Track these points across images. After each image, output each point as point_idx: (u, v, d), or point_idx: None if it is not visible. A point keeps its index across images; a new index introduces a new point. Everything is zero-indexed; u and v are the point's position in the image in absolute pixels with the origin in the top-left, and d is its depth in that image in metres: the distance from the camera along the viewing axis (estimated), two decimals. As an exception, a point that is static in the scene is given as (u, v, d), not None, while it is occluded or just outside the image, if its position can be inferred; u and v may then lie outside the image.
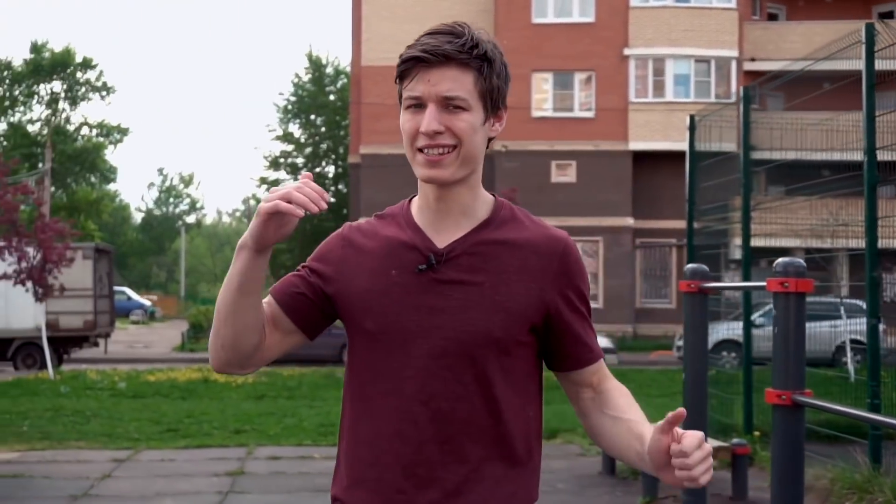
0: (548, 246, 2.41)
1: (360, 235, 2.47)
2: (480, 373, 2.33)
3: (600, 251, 36.52)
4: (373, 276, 2.39)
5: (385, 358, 2.35)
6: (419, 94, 2.31)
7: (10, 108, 65.16)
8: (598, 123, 36.68)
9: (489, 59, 2.35)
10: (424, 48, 2.31)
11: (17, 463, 10.75)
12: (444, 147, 2.31)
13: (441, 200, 2.40)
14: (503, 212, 2.45)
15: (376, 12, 38.37)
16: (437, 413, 2.31)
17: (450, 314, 2.32)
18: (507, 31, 36.78)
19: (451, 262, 2.36)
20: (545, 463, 9.03)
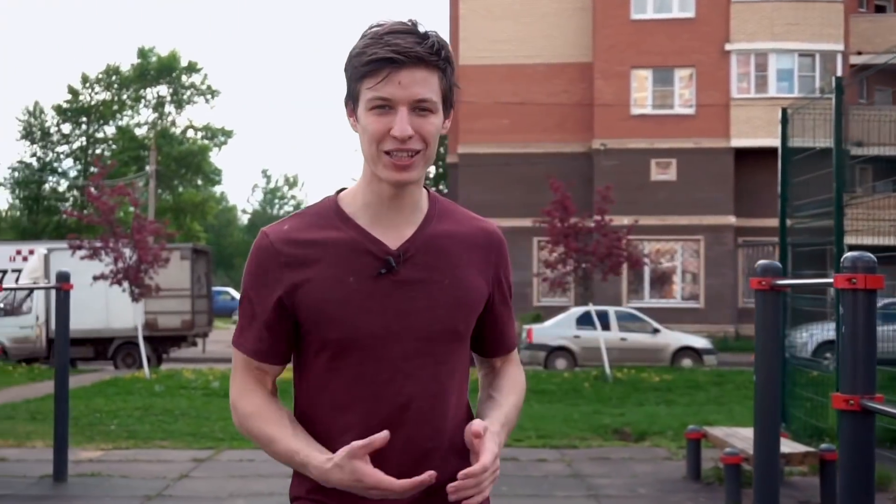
0: (486, 238, 2.50)
1: (293, 246, 2.39)
2: (450, 368, 2.41)
3: (701, 250, 35.88)
4: (329, 285, 2.35)
5: (357, 365, 2.34)
6: (388, 96, 2.28)
7: (119, 112, 66.45)
8: (698, 120, 36.04)
9: (450, 60, 2.36)
10: (396, 49, 2.27)
11: (98, 462, 10.80)
12: (413, 151, 2.30)
13: (395, 199, 2.38)
14: (438, 204, 2.49)
15: (474, 10, 38.18)
16: (419, 414, 2.34)
17: (417, 315, 2.35)
18: (605, 28, 36.41)
19: (408, 262, 2.37)
20: (628, 466, 8.80)
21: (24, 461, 10.75)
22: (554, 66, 37.47)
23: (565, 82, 37.44)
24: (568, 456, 11.25)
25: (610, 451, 11.54)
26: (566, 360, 24.65)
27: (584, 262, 20.96)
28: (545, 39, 37.51)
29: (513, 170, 36.60)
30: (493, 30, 37.78)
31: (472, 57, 37.85)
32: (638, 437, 12.81)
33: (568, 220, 20.80)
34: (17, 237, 58.07)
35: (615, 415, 14.87)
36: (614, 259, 20.87)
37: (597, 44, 36.72)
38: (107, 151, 65.84)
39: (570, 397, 17.88)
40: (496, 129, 37.53)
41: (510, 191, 36.24)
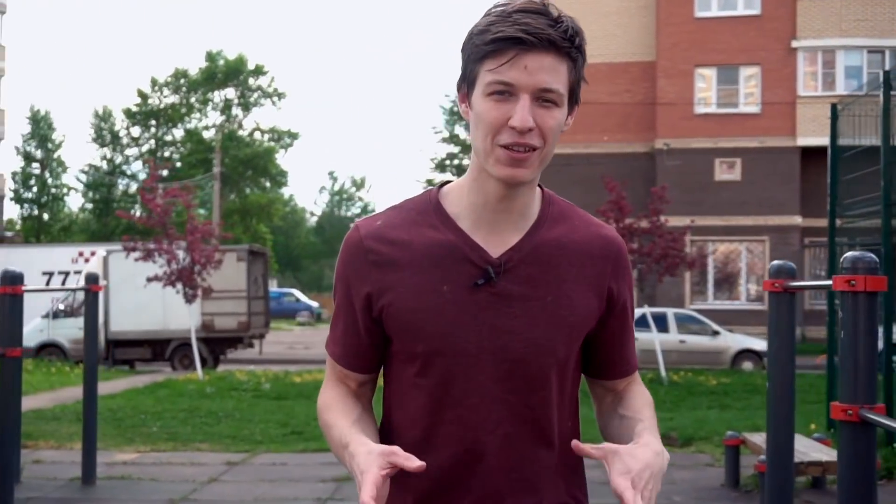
0: (602, 248, 2.20)
1: (385, 244, 2.14)
2: (547, 395, 2.15)
3: (766, 251, 35.25)
4: (419, 292, 2.10)
5: (444, 384, 2.11)
6: (512, 81, 1.99)
7: (187, 114, 67.18)
8: (764, 119, 35.42)
9: (582, 50, 2.08)
10: (525, 29, 1.98)
11: (132, 465, 10.74)
12: (530, 146, 2.02)
13: (505, 200, 2.11)
14: (553, 207, 2.22)
15: (535, 10, 37.86)
16: (505, 441, 2.11)
17: (514, 333, 2.10)
18: (669, 27, 35.95)
19: (509, 274, 2.11)
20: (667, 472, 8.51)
21: (60, 463, 10.74)
22: (616, 65, 37.07)
23: (628, 81, 37.04)
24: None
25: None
26: (624, 362, 24.32)
27: (639, 263, 20.62)
28: (607, 38, 37.11)
29: (574, 170, 36.24)
30: (554, 29, 37.46)
31: (533, 57, 37.57)
32: (684, 443, 12.50)
33: (623, 220, 20.47)
34: (88, 239, 58.89)
35: (664, 419, 14.55)
36: (670, 260, 20.50)
37: (660, 42, 36.28)
38: (175, 154, 66.61)
39: (623, 401, 17.57)
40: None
41: (571, 191, 35.82)
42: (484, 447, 2.09)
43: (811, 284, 5.26)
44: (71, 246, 33.65)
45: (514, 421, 2.11)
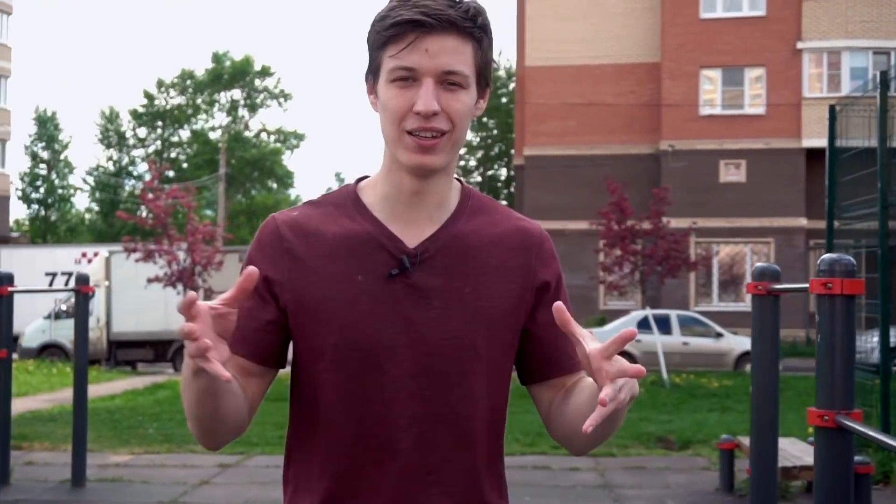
0: (523, 240, 2.12)
1: (299, 235, 2.05)
2: (466, 392, 2.03)
3: (771, 253, 35.14)
4: (332, 282, 2.00)
5: (356, 378, 1.99)
6: (413, 66, 1.93)
7: (193, 115, 67.23)
8: (769, 120, 35.30)
9: (488, 30, 2.01)
10: (423, 10, 1.91)
11: (124, 467, 10.70)
12: (437, 131, 1.95)
13: (418, 192, 2.04)
14: (472, 200, 2.13)
15: (540, 12, 37.82)
16: (420, 440, 2.00)
17: (429, 326, 2.00)
18: (674, 28, 35.86)
19: (425, 265, 2.03)
20: (662, 476, 8.40)
21: (52, 465, 10.69)
22: (622, 66, 36.99)
23: (633, 83, 36.94)
24: (602, 465, 10.91)
25: (647, 461, 11.18)
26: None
27: (641, 265, 20.55)
28: (613, 40, 37.05)
29: (579, 172, 36.18)
30: (560, 30, 37.39)
31: (538, 58, 37.54)
32: (681, 446, 12.42)
33: (625, 222, 20.41)
34: (95, 240, 58.95)
35: (662, 422, 14.48)
36: (672, 262, 20.43)
37: (665, 43, 36.18)
38: (181, 155, 66.67)
39: (624, 403, 17.49)
40: (563, 131, 37.15)
41: (577, 193, 35.81)
42: (397, 446, 1.99)
43: (792, 287, 5.19)
44: (74, 247, 33.68)
45: (430, 419, 2.00)
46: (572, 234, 35.21)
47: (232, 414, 1.96)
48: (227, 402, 1.92)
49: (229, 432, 2.01)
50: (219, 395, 1.89)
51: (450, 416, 2.01)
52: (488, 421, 2.07)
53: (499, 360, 2.07)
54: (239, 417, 2.00)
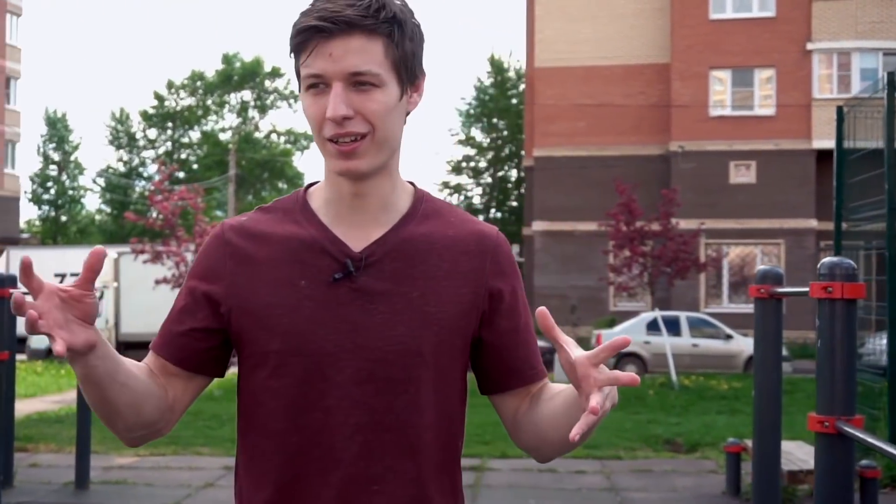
0: (478, 244, 2.04)
1: (245, 238, 2.01)
2: (412, 399, 1.96)
3: (782, 254, 35.02)
4: (276, 287, 1.95)
5: (298, 386, 1.94)
6: (320, 72, 1.88)
7: (203, 117, 67.31)
8: (779, 121, 35.18)
9: (399, 21, 1.93)
10: (321, 15, 1.87)
11: (128, 469, 10.67)
12: (355, 135, 1.90)
13: (358, 195, 1.98)
14: (425, 204, 2.07)
15: (549, 12, 37.78)
16: (364, 449, 1.93)
17: (374, 331, 1.94)
18: (683, 29, 35.77)
19: (371, 268, 1.96)
20: (669, 479, 8.32)
21: (56, 467, 10.66)
22: (631, 67, 36.92)
23: (642, 84, 36.87)
24: (609, 468, 10.86)
25: (654, 464, 11.12)
26: (636, 366, 24.10)
27: (650, 266, 20.48)
28: (622, 40, 36.98)
29: (589, 173, 36.12)
30: (569, 31, 37.34)
31: (547, 59, 37.50)
32: (689, 449, 12.36)
33: (633, 223, 20.34)
34: (105, 241, 59.02)
35: (671, 424, 14.42)
36: (681, 263, 20.35)
37: (674, 44, 36.09)
38: (192, 156, 66.76)
39: (633, 405, 17.41)
40: (572, 132, 37.09)
41: (586, 194, 35.75)
42: (340, 455, 1.93)
43: (794, 291, 5.12)
44: (84, 248, 33.71)
45: (374, 427, 1.94)
46: (582, 235, 35.18)
47: (127, 407, 1.91)
48: (114, 393, 1.88)
49: (133, 426, 1.96)
50: (99, 384, 1.84)
51: (394, 425, 1.95)
52: (437, 429, 2.00)
53: (447, 366, 2.00)
54: (143, 413, 1.95)
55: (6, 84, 52.48)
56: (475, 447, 11.89)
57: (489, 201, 60.97)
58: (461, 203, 62.59)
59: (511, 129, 59.04)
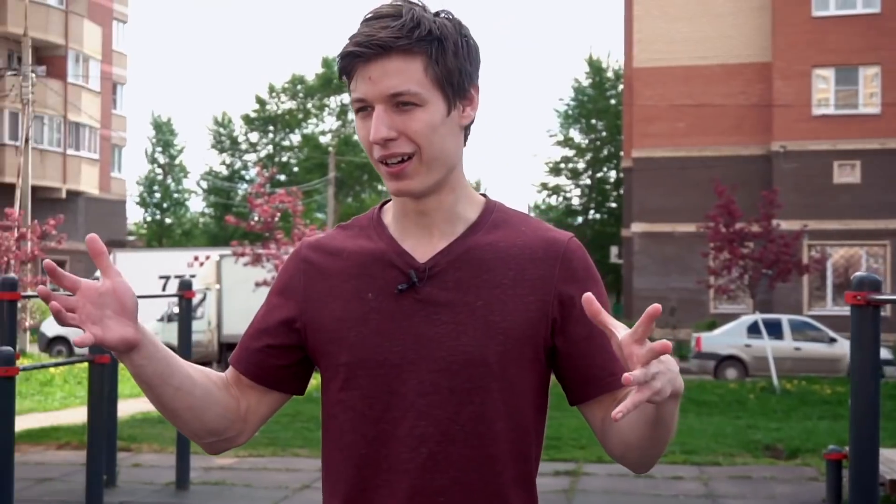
0: (546, 250, 2.01)
1: (320, 255, 2.06)
2: (479, 410, 1.95)
3: (888, 256, 34.26)
4: (346, 301, 2.00)
5: (365, 398, 1.96)
6: (362, 96, 1.92)
7: (304, 120, 68.03)
8: (884, 120, 34.39)
9: (437, 37, 1.94)
10: (358, 40, 1.92)
11: (228, 470, 10.84)
12: (402, 155, 1.92)
13: (421, 212, 2.02)
14: (495, 214, 2.06)
15: (648, 11, 37.45)
16: (430, 460, 1.93)
17: (437, 342, 1.94)
18: (785, 27, 35.21)
19: (435, 279, 1.97)
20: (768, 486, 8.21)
21: (158, 467, 10.88)
22: (731, 66, 36.43)
23: (743, 83, 36.35)
24: (707, 473, 10.74)
25: (753, 470, 10.97)
26: (737, 369, 23.83)
27: (750, 268, 20.19)
28: (722, 40, 36.50)
29: (688, 174, 35.71)
30: (668, 31, 36.98)
31: (645, 59, 37.19)
32: (790, 455, 12.17)
33: (733, 225, 20.08)
34: (208, 243, 60.03)
35: (771, 429, 14.20)
36: (782, 265, 20.02)
37: (776, 43, 35.52)
38: (292, 159, 67.55)
39: (733, 409, 17.22)
40: (671, 133, 36.73)
41: (686, 195, 35.33)
42: (406, 466, 1.94)
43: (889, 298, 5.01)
44: (187, 250, 34.33)
45: (440, 439, 1.93)
46: (682, 236, 34.83)
47: (186, 411, 1.97)
48: (168, 396, 1.93)
49: (198, 432, 2.02)
50: (149, 384, 1.91)
51: (460, 436, 1.94)
52: (508, 441, 1.97)
53: (517, 376, 1.98)
54: (206, 420, 2.00)
55: (112, 90, 53.68)
56: (571, 451, 11.86)
57: (588, 203, 60.68)
58: (560, 205, 62.45)
59: (610, 129, 58.68)
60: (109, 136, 52.31)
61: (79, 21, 47.44)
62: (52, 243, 23.02)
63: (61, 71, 45.93)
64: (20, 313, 22.01)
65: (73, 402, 17.20)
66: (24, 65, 30.94)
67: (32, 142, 36.06)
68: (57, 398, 18.13)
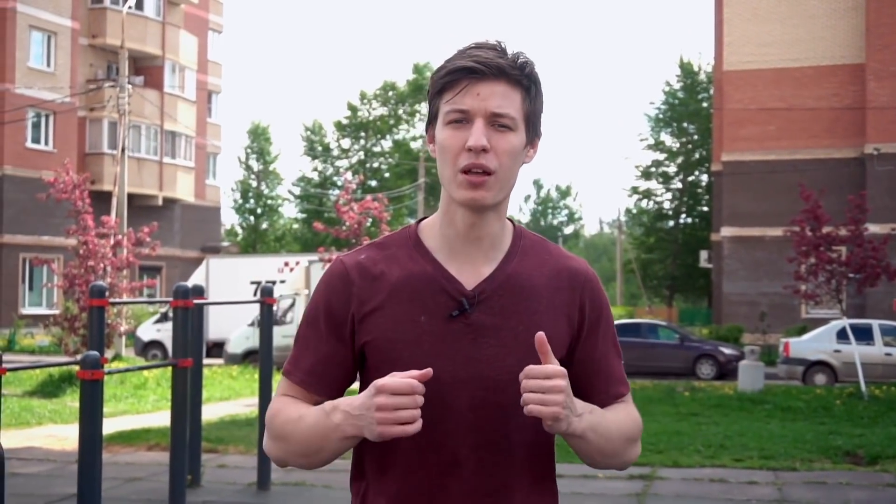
0: (572, 279, 2.30)
1: (367, 280, 2.24)
2: (521, 423, 2.20)
3: None
4: (398, 323, 2.21)
5: (422, 411, 2.12)
6: (467, 108, 2.14)
7: (395, 126, 68.51)
8: (982, 121, 33.68)
9: (536, 80, 2.23)
10: (476, 59, 2.15)
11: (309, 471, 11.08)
12: (486, 169, 2.14)
13: (473, 228, 2.22)
14: (524, 240, 2.32)
15: (738, 14, 37.12)
16: (480, 465, 2.20)
17: (486, 363, 2.19)
18: (879, 27, 34.71)
19: (482, 305, 2.21)
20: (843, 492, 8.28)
21: (242, 468, 11.18)
22: (823, 68, 35.96)
23: (835, 85, 35.86)
24: (782, 479, 10.74)
25: (829, 476, 10.93)
26: (826, 375, 23.52)
27: (837, 273, 19.97)
28: (814, 41, 36.05)
29: (779, 177, 35.30)
30: (758, 33, 36.63)
31: (736, 62, 36.89)
32: (870, 461, 12.08)
33: (819, 229, 19.88)
34: (301, 249, 60.77)
35: (854, 436, 14.08)
36: (870, 270, 19.76)
37: (870, 44, 34.99)
38: (383, 165, 68.07)
39: (818, 415, 17.06)
40: (762, 136, 36.38)
41: (777, 199, 34.89)
42: (461, 471, 2.17)
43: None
44: (277, 256, 34.84)
45: (489, 448, 2.18)
46: (772, 240, 34.43)
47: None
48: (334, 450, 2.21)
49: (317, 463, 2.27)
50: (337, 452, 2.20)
51: (506, 445, 2.19)
52: (540, 445, 2.26)
53: None
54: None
55: (207, 99, 54.66)
56: (648, 456, 11.92)
57: (679, 206, 60.21)
58: (651, 209, 62.04)
59: (701, 132, 58.18)
60: (204, 145, 53.27)
61: (175, 32, 48.47)
62: (147, 250, 23.54)
63: (158, 81, 46.97)
64: (116, 318, 22.62)
65: (165, 405, 17.59)
66: (122, 76, 31.70)
67: (129, 151, 36.95)
68: (149, 401, 18.61)
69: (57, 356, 26.28)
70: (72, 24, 42.97)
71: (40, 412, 16.59)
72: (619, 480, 10.54)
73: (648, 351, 27.32)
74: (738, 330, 34.12)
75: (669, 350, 27.63)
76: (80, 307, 21.09)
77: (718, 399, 19.13)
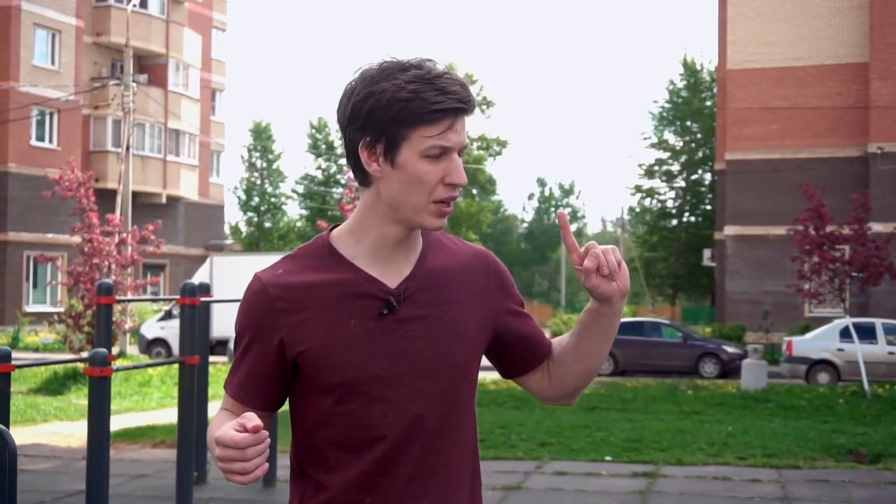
0: (480, 265, 2.44)
1: (289, 292, 2.29)
2: (454, 405, 2.34)
3: None
4: (328, 329, 2.28)
5: (363, 408, 2.28)
6: (451, 145, 2.23)
7: (399, 125, 68.53)
8: None
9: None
10: (459, 98, 2.22)
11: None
12: (455, 199, 2.29)
13: (404, 240, 2.33)
14: (430, 237, 2.42)
15: (742, 13, 37.13)
16: (423, 451, 2.30)
17: (419, 354, 2.30)
18: (883, 27, 34.75)
19: (408, 300, 2.31)
20: (845, 490, 8.33)
21: (248, 465, 11.20)
22: (826, 67, 35.98)
23: (839, 84, 35.88)
24: (785, 477, 10.78)
25: (832, 474, 10.97)
26: (829, 374, 23.55)
27: (840, 272, 20.02)
28: (817, 40, 36.07)
29: (783, 176, 35.34)
30: (762, 32, 36.65)
31: (740, 61, 36.91)
32: (873, 460, 12.13)
33: (823, 228, 19.92)
34: (304, 247, 60.73)
35: (857, 434, 14.12)
36: (873, 269, 19.81)
37: (874, 43, 35.02)
38: (387, 163, 68.10)
39: (820, 414, 17.12)
40: (765, 135, 36.41)
41: (780, 198, 34.93)
42: (404, 458, 2.27)
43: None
44: (281, 254, 34.91)
45: (429, 434, 2.29)
46: (775, 239, 34.46)
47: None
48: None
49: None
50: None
51: (444, 428, 2.31)
52: (472, 424, 2.41)
53: (474, 372, 2.40)
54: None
55: (211, 97, 54.72)
56: (651, 454, 11.98)
57: (682, 205, 60.26)
58: (654, 207, 62.10)
59: (704, 131, 58.23)
60: (208, 143, 53.34)
61: (179, 30, 48.55)
62: (151, 248, 23.60)
63: (162, 79, 47.04)
64: (121, 316, 22.69)
65: (170, 402, 17.69)
66: (126, 74, 31.77)
67: (133, 149, 36.99)
68: (154, 398, 18.67)
69: (61, 353, 26.37)
70: (76, 23, 43.09)
71: (45, 409, 16.67)
72: (622, 478, 10.60)
73: (651, 349, 27.39)
74: (741, 329, 34.16)
75: (672, 348, 27.67)
76: (85, 304, 21.19)
77: (721, 397, 19.19)
